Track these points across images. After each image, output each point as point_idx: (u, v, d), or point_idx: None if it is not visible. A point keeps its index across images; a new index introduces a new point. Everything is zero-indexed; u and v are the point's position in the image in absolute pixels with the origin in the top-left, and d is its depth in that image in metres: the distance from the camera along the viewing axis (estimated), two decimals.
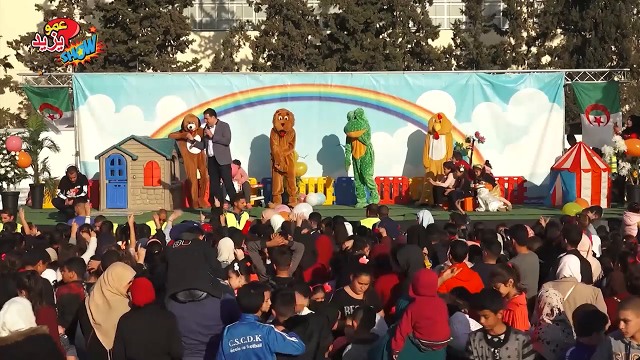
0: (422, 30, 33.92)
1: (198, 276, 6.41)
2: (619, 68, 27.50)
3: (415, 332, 6.39)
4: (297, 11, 33.19)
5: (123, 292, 6.65)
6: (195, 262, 6.48)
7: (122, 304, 6.53)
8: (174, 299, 6.38)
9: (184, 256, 6.49)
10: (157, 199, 17.25)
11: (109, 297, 6.54)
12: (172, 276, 6.43)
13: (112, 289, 6.59)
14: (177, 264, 6.45)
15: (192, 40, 36.48)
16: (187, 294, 6.36)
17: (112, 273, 6.69)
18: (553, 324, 6.61)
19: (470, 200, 17.43)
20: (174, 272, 6.43)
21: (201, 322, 6.34)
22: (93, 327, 6.56)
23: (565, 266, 7.35)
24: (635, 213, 12.89)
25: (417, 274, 6.72)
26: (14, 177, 17.50)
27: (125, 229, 11.64)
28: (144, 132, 18.96)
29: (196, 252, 6.62)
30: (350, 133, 18.25)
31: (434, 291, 6.61)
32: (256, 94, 20.07)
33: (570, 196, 16.87)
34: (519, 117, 19.79)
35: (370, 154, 18.30)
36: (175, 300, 6.37)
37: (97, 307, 6.58)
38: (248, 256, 8.81)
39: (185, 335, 6.29)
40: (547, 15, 33.37)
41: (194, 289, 6.34)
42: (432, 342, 6.41)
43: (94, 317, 6.56)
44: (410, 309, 6.47)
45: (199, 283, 6.38)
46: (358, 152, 18.26)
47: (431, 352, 6.43)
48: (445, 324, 6.51)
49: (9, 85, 37.99)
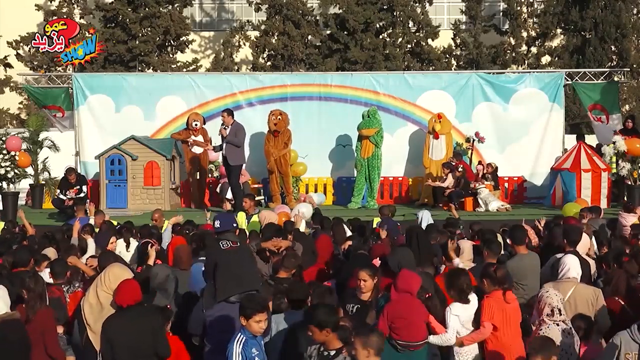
0: (422, 30, 33.92)
1: (254, 279, 6.38)
2: (619, 68, 27.49)
3: (392, 333, 6.41)
4: (297, 11, 33.19)
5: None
6: (249, 265, 6.44)
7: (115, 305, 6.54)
8: (225, 299, 6.29)
9: (238, 258, 6.40)
10: (157, 199, 17.25)
11: (102, 298, 6.50)
12: (228, 278, 6.28)
13: (107, 289, 6.55)
14: (231, 266, 6.32)
15: (192, 40, 36.48)
16: (241, 295, 6.28)
17: (109, 273, 6.67)
18: (553, 325, 6.61)
19: (470, 200, 17.44)
20: (228, 274, 6.28)
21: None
22: (86, 326, 6.55)
23: (570, 267, 7.35)
24: (629, 213, 12.86)
25: (400, 272, 6.78)
26: (14, 177, 17.48)
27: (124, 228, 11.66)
28: (144, 132, 18.95)
29: (247, 254, 6.58)
30: (361, 131, 18.25)
31: (412, 291, 6.64)
32: (256, 94, 20.07)
33: (570, 196, 16.86)
34: (519, 117, 19.76)
35: (378, 156, 18.28)
36: (226, 301, 6.29)
37: (90, 307, 6.56)
38: None
39: (220, 335, 6.19)
40: (547, 15, 33.37)
41: (253, 291, 6.28)
42: (408, 343, 6.41)
43: (86, 317, 6.55)
44: (386, 308, 6.51)
45: (256, 285, 6.38)
46: (366, 152, 18.26)
47: (410, 353, 6.43)
48: (422, 325, 6.52)
49: (9, 85, 37.99)
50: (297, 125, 18.83)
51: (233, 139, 15.57)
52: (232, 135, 15.58)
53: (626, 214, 12.89)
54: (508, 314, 6.84)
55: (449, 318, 6.91)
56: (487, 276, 6.98)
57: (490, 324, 6.76)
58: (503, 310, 6.81)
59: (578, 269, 7.45)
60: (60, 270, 8.06)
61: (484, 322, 6.80)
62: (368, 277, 7.12)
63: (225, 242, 6.57)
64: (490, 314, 6.77)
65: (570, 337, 6.56)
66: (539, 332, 6.67)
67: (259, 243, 8.76)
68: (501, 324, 6.76)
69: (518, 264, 8.19)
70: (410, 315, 6.46)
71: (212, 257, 6.44)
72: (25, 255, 8.50)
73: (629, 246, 9.89)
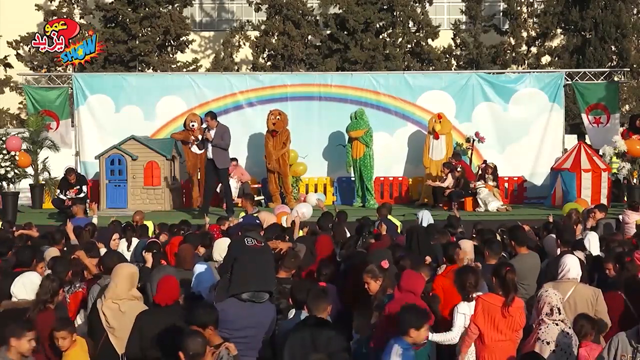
0: (422, 30, 33.89)
1: (270, 280, 6.36)
2: (619, 68, 27.46)
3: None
4: (297, 11, 33.16)
5: (135, 294, 6.72)
6: (268, 266, 6.42)
7: (134, 308, 6.57)
8: (237, 296, 6.24)
9: (259, 257, 6.35)
10: (157, 199, 17.26)
11: (123, 307, 6.58)
12: (245, 274, 6.24)
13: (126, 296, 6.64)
14: (250, 264, 6.27)
15: (192, 40, 36.46)
16: (253, 294, 6.24)
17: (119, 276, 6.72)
18: (553, 325, 6.60)
19: (470, 200, 17.45)
20: (246, 271, 6.23)
21: (251, 324, 6.26)
22: (107, 330, 6.58)
23: (571, 268, 7.34)
24: (634, 212, 12.88)
25: (403, 272, 6.78)
26: (14, 177, 17.48)
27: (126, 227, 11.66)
28: (144, 132, 18.97)
29: (269, 255, 6.57)
30: (350, 133, 18.34)
31: (416, 291, 6.66)
32: (256, 94, 20.08)
33: (570, 196, 16.87)
34: (519, 117, 19.78)
35: (369, 156, 18.30)
36: (238, 298, 6.23)
37: (111, 311, 6.60)
38: None
39: (226, 331, 6.14)
40: (547, 15, 33.34)
41: (266, 291, 6.27)
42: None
43: (108, 321, 6.59)
44: (388, 307, 6.51)
45: (270, 287, 6.35)
46: (357, 153, 18.28)
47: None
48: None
49: (9, 85, 37.97)
50: (297, 125, 18.84)
51: (220, 142, 15.30)
52: (218, 138, 15.28)
53: (630, 211, 12.91)
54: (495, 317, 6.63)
55: (455, 316, 6.91)
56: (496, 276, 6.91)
57: (474, 325, 6.72)
58: (489, 313, 6.66)
59: (578, 269, 7.45)
60: (62, 270, 8.05)
61: (471, 323, 6.78)
62: (370, 280, 7.17)
63: (250, 239, 6.56)
64: (475, 315, 6.75)
65: (569, 337, 6.56)
66: (539, 331, 6.67)
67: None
68: (486, 327, 6.67)
69: (518, 264, 8.18)
70: None
71: (234, 252, 6.42)
72: (28, 255, 8.50)
73: (627, 245, 9.87)
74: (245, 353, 6.23)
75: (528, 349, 6.55)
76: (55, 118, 20.20)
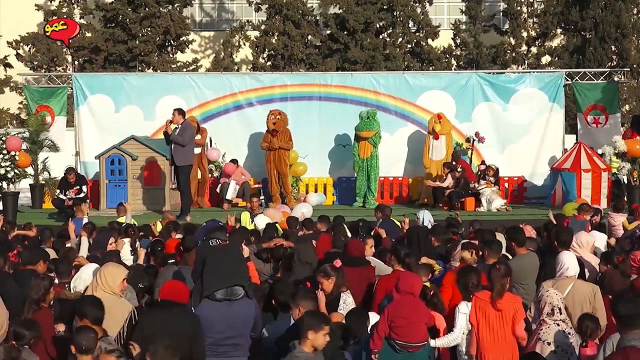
0: (422, 30, 33.89)
1: (241, 275, 6.31)
2: (619, 68, 27.48)
3: (391, 332, 6.42)
4: (297, 11, 33.16)
5: (117, 291, 6.72)
6: (237, 261, 6.41)
7: (116, 304, 6.57)
8: (210, 297, 6.22)
9: (227, 254, 6.33)
10: (157, 199, 17.23)
11: (103, 297, 6.54)
12: (215, 273, 6.21)
13: (106, 288, 6.65)
14: (220, 262, 6.25)
15: (192, 40, 36.45)
16: (227, 292, 6.19)
17: (105, 273, 6.77)
18: (554, 325, 6.61)
19: (470, 200, 17.44)
20: (216, 269, 6.22)
21: (232, 323, 6.21)
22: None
23: (569, 266, 7.34)
24: (618, 213, 12.82)
25: (401, 274, 6.80)
26: (14, 177, 17.46)
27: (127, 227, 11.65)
28: (144, 132, 18.94)
29: (236, 251, 6.57)
30: (361, 133, 18.26)
31: (414, 292, 6.66)
32: (256, 94, 20.06)
33: (570, 196, 16.87)
34: (519, 117, 19.77)
35: (376, 156, 18.31)
36: (212, 299, 6.21)
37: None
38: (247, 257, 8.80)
39: (210, 336, 6.14)
40: (547, 15, 33.35)
41: (238, 285, 6.21)
42: (406, 344, 6.40)
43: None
44: (387, 308, 6.53)
45: (242, 281, 6.27)
46: (365, 153, 18.27)
47: (409, 354, 6.42)
48: (422, 326, 6.51)
49: (9, 85, 37.94)
50: (297, 125, 18.82)
51: (177, 137, 15.05)
52: (179, 133, 15.07)
53: (615, 213, 12.85)
54: (489, 314, 6.68)
55: (457, 316, 6.92)
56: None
57: (469, 322, 6.74)
58: (482, 310, 6.69)
59: (576, 266, 7.46)
60: (65, 270, 8.09)
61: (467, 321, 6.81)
62: (323, 280, 7.24)
63: (214, 240, 6.60)
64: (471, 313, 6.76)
65: (570, 337, 6.57)
66: (540, 332, 6.67)
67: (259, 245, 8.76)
68: (480, 324, 6.66)
69: (518, 264, 8.19)
70: (411, 316, 6.45)
71: (201, 254, 6.45)
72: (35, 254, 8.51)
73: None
74: (235, 354, 6.23)
75: (529, 349, 6.56)
76: (51, 113, 20.09)
